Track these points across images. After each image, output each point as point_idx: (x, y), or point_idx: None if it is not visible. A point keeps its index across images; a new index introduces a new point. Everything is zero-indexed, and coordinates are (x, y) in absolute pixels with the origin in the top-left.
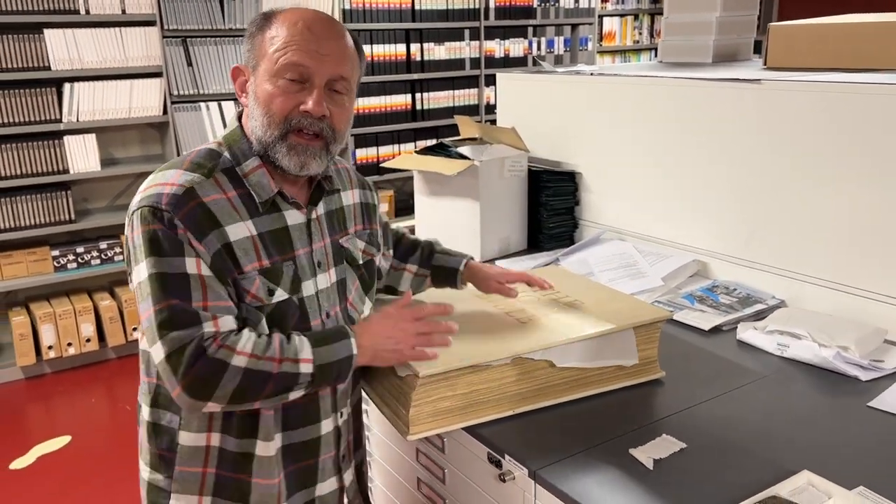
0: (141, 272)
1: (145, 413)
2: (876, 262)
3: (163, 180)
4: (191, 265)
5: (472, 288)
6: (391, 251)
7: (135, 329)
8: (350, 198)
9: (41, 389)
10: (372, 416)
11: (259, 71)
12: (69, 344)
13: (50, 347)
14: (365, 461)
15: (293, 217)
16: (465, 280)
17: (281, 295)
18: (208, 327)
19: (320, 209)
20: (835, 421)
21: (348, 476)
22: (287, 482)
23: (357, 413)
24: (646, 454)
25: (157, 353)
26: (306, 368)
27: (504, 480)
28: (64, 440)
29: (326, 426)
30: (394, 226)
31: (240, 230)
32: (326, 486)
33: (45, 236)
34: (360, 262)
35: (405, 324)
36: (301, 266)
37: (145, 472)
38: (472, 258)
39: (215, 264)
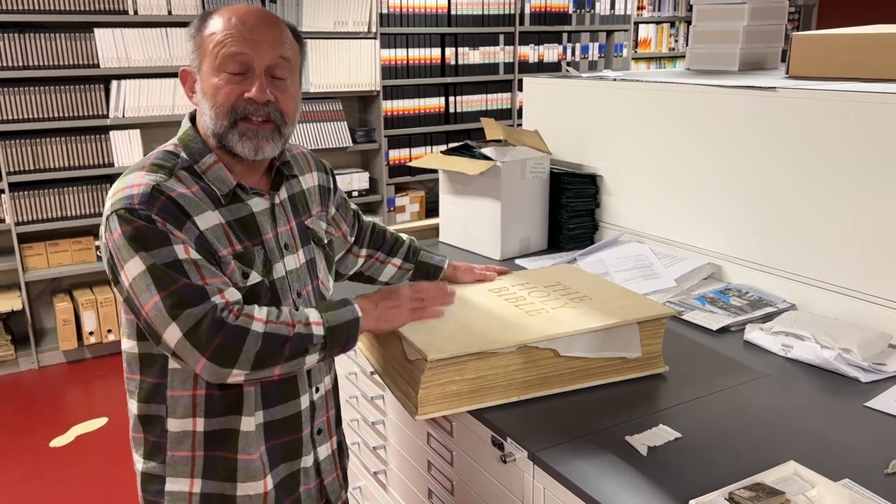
0: (131, 269)
1: (134, 408)
2: (885, 268)
3: (128, 184)
4: (180, 251)
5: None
6: (357, 238)
7: None
8: (309, 181)
9: (81, 373)
10: (387, 402)
11: (203, 69)
12: (109, 330)
13: (91, 333)
14: (344, 441)
15: (257, 204)
16: (445, 278)
17: (255, 278)
18: (218, 300)
19: (283, 194)
20: (830, 418)
21: (323, 451)
22: (270, 456)
23: (335, 392)
24: (641, 441)
25: (173, 334)
26: (318, 330)
27: (505, 462)
28: (101, 421)
29: (304, 402)
30: (417, 224)
31: (209, 219)
32: (308, 460)
33: (89, 226)
34: (325, 241)
35: (403, 290)
36: (270, 249)
37: (139, 464)
38: (449, 260)
39: (198, 249)
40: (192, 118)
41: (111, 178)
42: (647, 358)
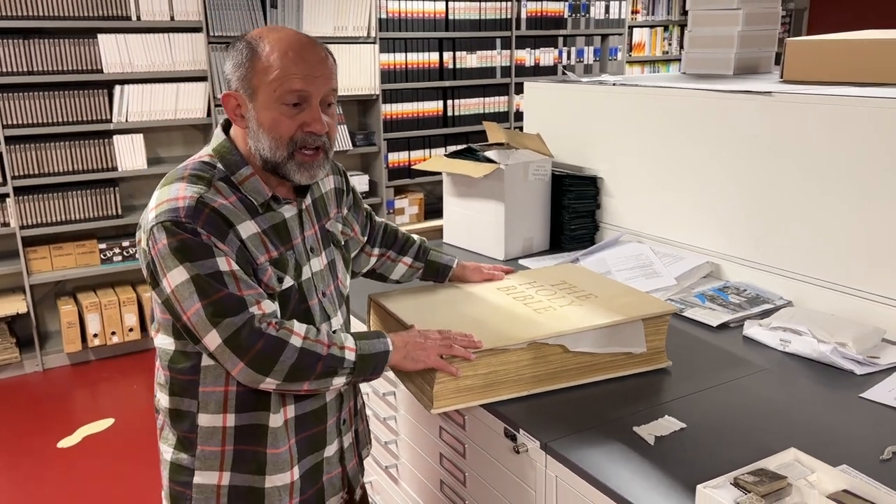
0: (175, 277)
1: (165, 402)
2: (879, 266)
3: (172, 195)
4: (222, 263)
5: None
6: (369, 237)
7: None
8: (328, 184)
9: (86, 375)
10: (399, 399)
11: (258, 99)
12: (113, 333)
13: (95, 335)
14: (361, 430)
15: (287, 211)
16: (453, 276)
17: (288, 282)
18: (255, 310)
19: (307, 200)
20: (827, 409)
21: (347, 439)
22: (298, 448)
23: (356, 384)
24: (648, 431)
25: (213, 339)
26: (350, 356)
27: (518, 452)
28: (108, 422)
29: (331, 393)
30: (416, 227)
31: (248, 228)
32: (331, 449)
33: (93, 230)
34: (342, 242)
35: (433, 334)
36: (299, 253)
37: (168, 454)
38: (458, 260)
39: (239, 260)
40: (225, 129)
41: (114, 182)
42: (652, 353)
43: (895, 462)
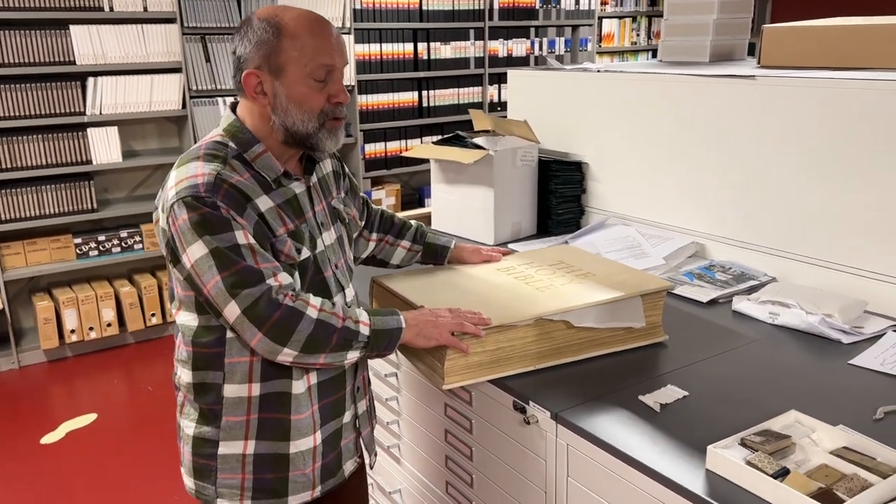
0: (195, 252)
1: (187, 377)
2: (858, 241)
3: (190, 173)
4: (240, 237)
5: (494, 262)
6: (367, 223)
7: (153, 315)
8: (328, 166)
9: (65, 371)
10: (401, 379)
11: (287, 75)
12: (91, 328)
13: (72, 331)
14: (372, 398)
15: (297, 187)
16: (451, 258)
17: (306, 252)
18: (272, 282)
19: (314, 178)
20: (819, 376)
21: (361, 406)
22: (322, 414)
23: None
24: (653, 399)
25: (232, 311)
26: (364, 330)
27: (528, 423)
28: (91, 417)
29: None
30: (400, 215)
31: (265, 202)
32: (348, 415)
33: (67, 224)
34: (347, 220)
35: (444, 313)
36: (312, 227)
37: (190, 429)
38: (456, 241)
39: (256, 233)
40: (234, 109)
41: (89, 176)
42: (649, 328)
43: (888, 421)
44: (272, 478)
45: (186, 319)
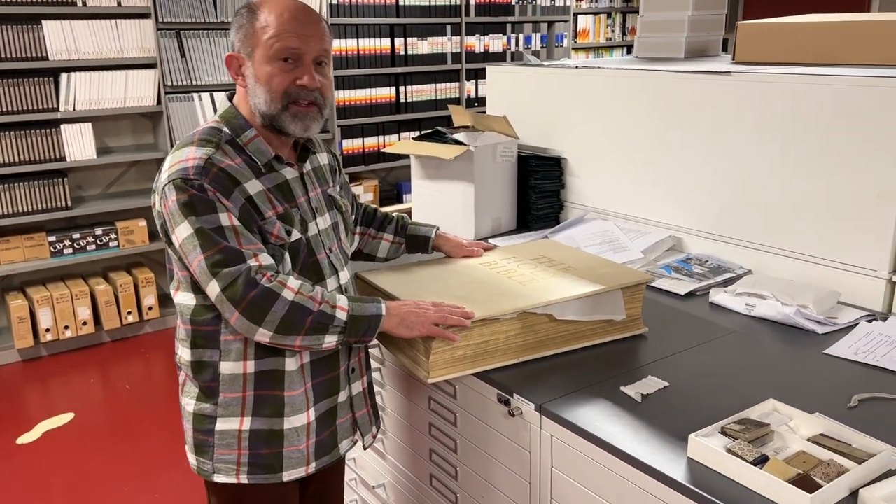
0: (182, 232)
1: (187, 355)
2: (831, 234)
3: (182, 157)
4: (224, 219)
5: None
6: (355, 219)
7: (129, 313)
8: (323, 159)
9: (40, 371)
10: (385, 374)
11: (256, 56)
12: (66, 327)
13: (47, 330)
14: (372, 382)
15: (289, 173)
16: (434, 246)
17: (296, 235)
18: (252, 262)
19: (307, 166)
20: (795, 365)
21: (356, 387)
22: (315, 392)
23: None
24: (635, 390)
25: (213, 289)
26: (341, 315)
27: (513, 415)
28: (67, 417)
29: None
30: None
31: (254, 186)
32: (343, 395)
33: (41, 222)
34: (343, 208)
35: (427, 305)
36: (304, 211)
37: (190, 406)
38: (438, 228)
39: (242, 216)
40: (231, 97)
41: (63, 173)
42: (629, 320)
43: (861, 409)
44: (267, 453)
45: (185, 299)
